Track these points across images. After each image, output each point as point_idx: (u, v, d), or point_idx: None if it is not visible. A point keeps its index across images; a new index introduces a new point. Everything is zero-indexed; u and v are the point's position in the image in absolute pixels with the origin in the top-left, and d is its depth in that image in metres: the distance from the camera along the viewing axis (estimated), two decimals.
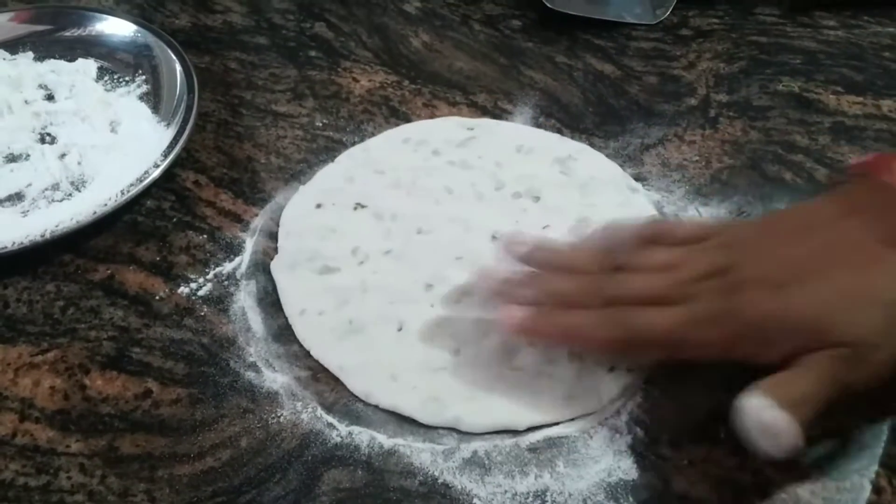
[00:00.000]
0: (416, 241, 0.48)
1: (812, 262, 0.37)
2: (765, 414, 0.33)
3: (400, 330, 0.44)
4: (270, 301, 0.45)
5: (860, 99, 0.57)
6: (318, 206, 0.50)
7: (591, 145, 0.54)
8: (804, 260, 0.37)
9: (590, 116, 0.57)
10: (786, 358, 0.35)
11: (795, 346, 0.35)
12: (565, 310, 0.40)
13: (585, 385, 0.41)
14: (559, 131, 0.56)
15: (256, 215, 0.50)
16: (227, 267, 0.47)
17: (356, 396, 0.41)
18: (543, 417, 0.40)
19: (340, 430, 0.40)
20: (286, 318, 0.45)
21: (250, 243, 0.48)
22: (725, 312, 0.36)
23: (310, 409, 0.40)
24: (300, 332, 0.44)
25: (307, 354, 0.43)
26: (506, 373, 0.41)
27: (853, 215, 0.38)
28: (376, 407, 0.41)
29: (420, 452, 0.39)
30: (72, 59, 0.59)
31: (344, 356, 0.43)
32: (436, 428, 0.40)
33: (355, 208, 0.50)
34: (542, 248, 0.42)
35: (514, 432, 0.40)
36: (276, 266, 0.47)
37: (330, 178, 0.52)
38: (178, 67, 0.57)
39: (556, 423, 0.40)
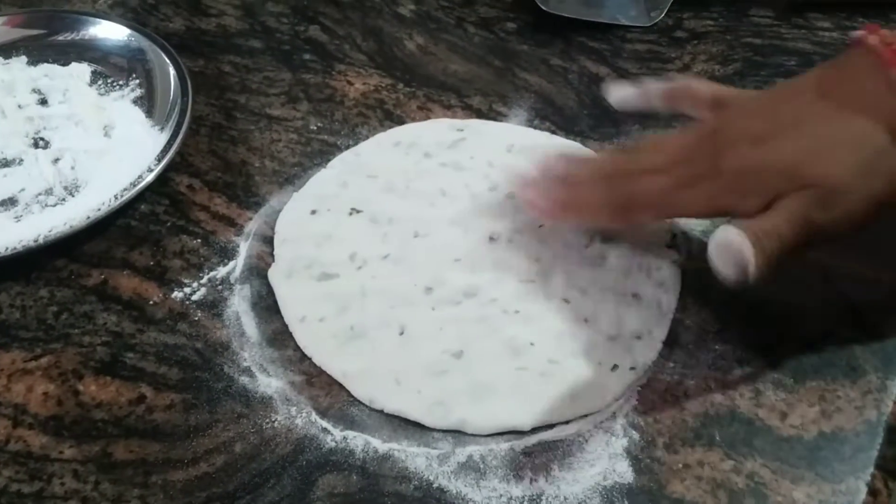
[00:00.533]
0: (414, 245, 0.48)
1: (793, 117, 0.39)
2: (726, 235, 0.36)
3: (402, 334, 0.43)
4: (265, 305, 0.45)
5: None
6: (313, 212, 0.50)
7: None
8: (785, 116, 0.39)
9: (584, 119, 0.57)
10: (766, 207, 0.38)
11: (774, 193, 0.37)
12: (574, 186, 0.44)
13: (589, 384, 0.41)
14: (553, 133, 0.55)
15: (251, 219, 0.50)
16: (222, 271, 0.47)
17: (351, 401, 0.41)
18: (548, 417, 0.40)
19: (335, 435, 0.39)
20: (280, 323, 0.44)
21: (244, 247, 0.48)
22: (710, 169, 0.39)
23: (304, 414, 0.40)
24: (301, 339, 0.44)
25: (301, 359, 0.43)
26: (510, 373, 0.42)
27: (835, 83, 0.39)
28: (371, 411, 0.41)
29: (415, 457, 0.39)
30: (65, 64, 0.59)
31: (346, 362, 0.42)
32: (431, 432, 0.40)
33: (350, 213, 0.50)
34: (574, 162, 0.47)
35: (511, 435, 0.40)
36: (273, 274, 0.47)
37: (323, 183, 0.52)
38: (172, 71, 0.57)
39: (555, 426, 0.40)
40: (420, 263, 0.47)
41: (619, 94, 0.49)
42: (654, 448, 0.39)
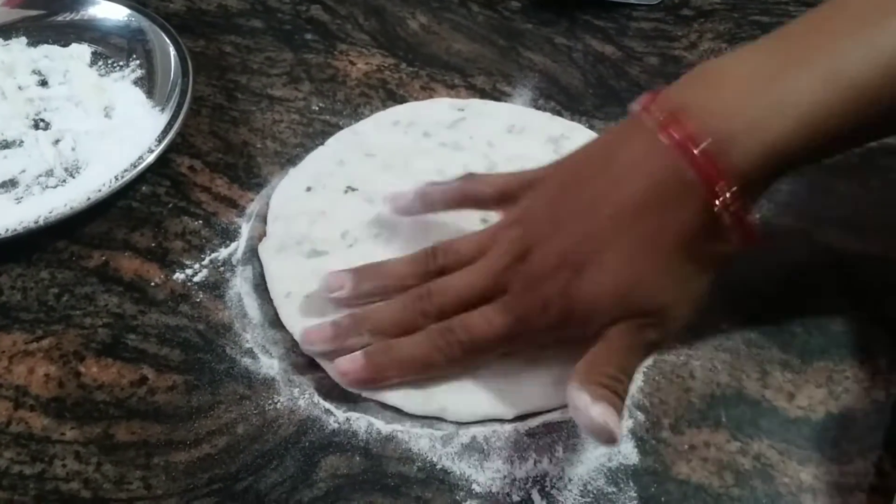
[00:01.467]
0: (407, 225, 0.47)
1: (599, 236, 0.38)
2: (589, 412, 0.34)
3: None
4: (267, 287, 0.45)
5: None
6: (308, 189, 0.50)
7: (591, 127, 0.53)
8: (593, 234, 0.38)
9: (590, 98, 0.56)
10: (602, 330, 0.37)
11: (608, 321, 0.37)
12: (396, 343, 0.40)
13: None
14: (559, 113, 0.55)
15: (252, 200, 0.49)
16: (223, 252, 0.47)
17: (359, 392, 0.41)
18: (532, 405, 0.39)
19: (338, 416, 0.39)
20: None
21: (246, 229, 0.48)
22: (537, 305, 0.38)
23: (307, 396, 0.40)
24: (285, 316, 0.43)
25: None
26: (493, 360, 0.41)
27: (625, 177, 0.38)
28: None
29: (418, 438, 0.38)
30: (65, 45, 0.59)
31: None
32: None
33: (346, 191, 0.49)
34: (361, 277, 0.42)
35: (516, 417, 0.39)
36: (263, 249, 0.46)
37: (320, 161, 0.52)
38: (173, 51, 0.57)
39: (545, 411, 0.39)
40: (411, 244, 0.46)
41: (399, 203, 0.45)
42: (660, 429, 0.38)
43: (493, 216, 0.46)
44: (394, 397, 0.40)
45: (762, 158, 0.35)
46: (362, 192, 0.49)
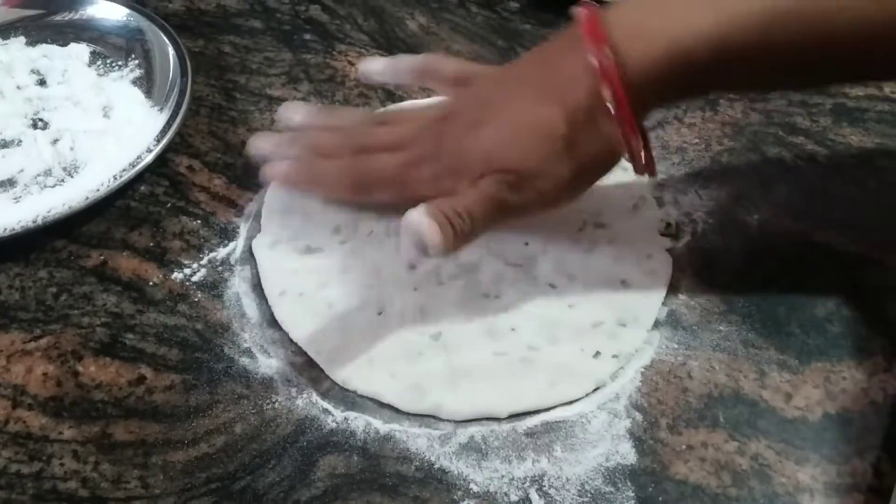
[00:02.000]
0: (400, 223, 0.47)
1: (499, 104, 0.41)
2: (412, 217, 0.37)
3: (380, 314, 0.43)
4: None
5: None
6: None
7: None
8: (496, 100, 0.42)
9: None
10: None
11: (477, 175, 0.40)
12: (324, 161, 0.46)
13: (569, 371, 0.40)
14: None
15: (251, 200, 0.49)
16: (222, 252, 0.47)
17: (354, 389, 0.41)
18: (526, 404, 0.39)
19: (336, 416, 0.39)
20: None
21: (244, 228, 0.48)
22: (434, 151, 0.42)
23: (305, 395, 0.40)
24: (279, 314, 0.43)
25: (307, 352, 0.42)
26: (488, 358, 0.41)
27: (541, 62, 0.42)
28: None
29: (416, 438, 0.38)
30: (64, 44, 0.59)
31: (322, 340, 0.42)
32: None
33: None
34: (316, 113, 0.49)
35: (511, 416, 0.39)
36: (257, 244, 0.46)
37: None
38: (172, 51, 0.57)
39: (542, 410, 0.39)
40: (405, 242, 0.46)
41: (369, 66, 0.49)
42: (658, 429, 0.38)
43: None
44: (389, 395, 0.40)
45: (660, 59, 0.37)
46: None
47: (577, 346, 0.41)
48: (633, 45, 0.37)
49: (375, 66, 0.49)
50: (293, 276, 0.45)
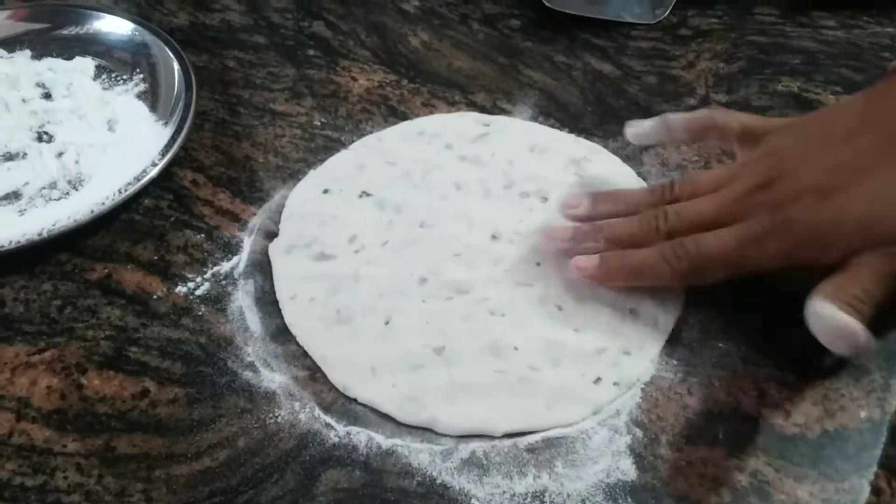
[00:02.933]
0: (416, 235, 0.48)
1: (856, 165, 0.38)
2: (832, 317, 0.35)
3: (387, 323, 0.43)
4: (268, 300, 0.45)
5: None
6: (326, 191, 0.50)
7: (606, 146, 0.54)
8: (848, 163, 0.38)
9: (589, 116, 0.57)
10: (843, 258, 0.37)
11: (850, 248, 0.37)
12: (629, 252, 0.42)
13: (568, 395, 0.40)
14: (558, 130, 0.55)
15: (254, 214, 0.50)
16: (225, 266, 0.47)
17: (354, 397, 0.41)
18: (521, 424, 0.39)
19: (338, 431, 0.39)
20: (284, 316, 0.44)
21: (248, 242, 0.48)
22: (778, 226, 0.38)
23: (308, 410, 0.40)
24: (288, 316, 0.44)
25: (305, 354, 0.43)
26: (488, 375, 0.41)
27: (890, 115, 0.39)
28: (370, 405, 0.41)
29: (418, 453, 0.39)
30: (69, 58, 0.59)
31: (328, 346, 0.42)
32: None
33: (360, 196, 0.50)
34: (599, 200, 0.45)
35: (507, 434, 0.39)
36: (273, 248, 0.47)
37: (341, 164, 0.53)
38: (176, 66, 0.57)
39: (533, 432, 0.39)
40: (418, 254, 0.46)
41: (637, 129, 0.48)
42: (658, 445, 0.39)
43: (504, 233, 0.47)
44: (387, 405, 0.40)
45: None
46: (376, 198, 0.50)
47: (579, 370, 0.41)
48: None
49: (643, 129, 0.47)
50: (305, 281, 0.45)
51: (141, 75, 0.58)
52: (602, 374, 0.41)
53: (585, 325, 0.43)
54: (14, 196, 0.50)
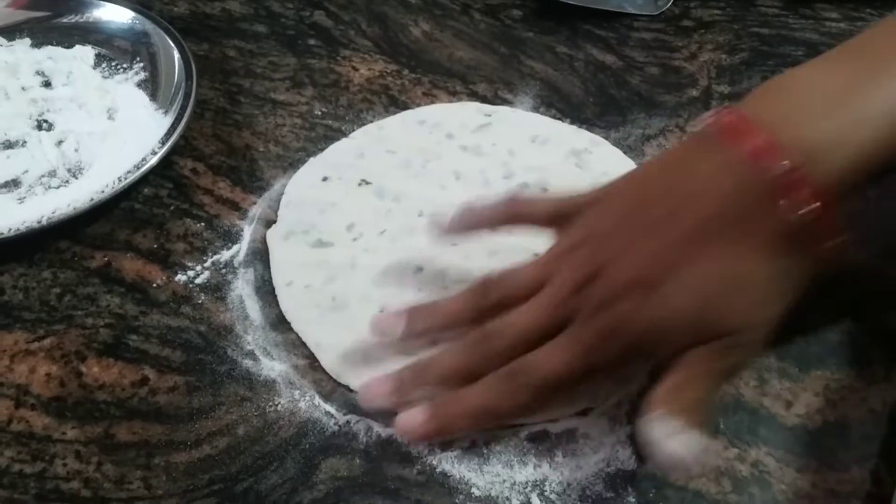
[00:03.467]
0: (414, 224, 0.47)
1: (676, 254, 0.35)
2: (671, 448, 0.33)
3: (381, 311, 0.43)
4: (268, 289, 0.45)
5: None
6: (325, 178, 0.50)
7: (607, 138, 0.54)
8: (667, 252, 0.35)
9: (590, 107, 0.57)
10: (676, 353, 0.35)
11: (684, 343, 0.35)
12: (461, 393, 0.37)
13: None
14: (560, 121, 0.55)
15: (255, 203, 0.50)
16: (225, 255, 0.47)
17: (346, 384, 0.41)
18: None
19: (338, 419, 0.39)
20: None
21: (248, 231, 0.48)
22: (612, 330, 0.35)
23: (307, 398, 0.40)
24: (284, 302, 0.44)
25: (305, 343, 0.43)
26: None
27: (698, 188, 0.36)
28: None
29: (418, 441, 0.38)
30: (69, 46, 0.59)
31: (322, 332, 0.42)
32: None
33: (360, 185, 0.50)
34: (414, 319, 0.40)
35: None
36: (271, 234, 0.47)
37: (341, 152, 0.52)
38: (177, 55, 0.57)
39: (522, 425, 0.39)
40: (415, 243, 0.46)
41: (438, 225, 0.43)
42: None
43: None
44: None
45: (844, 172, 0.34)
46: (375, 187, 0.50)
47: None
48: (812, 162, 0.33)
49: (445, 224, 0.43)
50: (302, 267, 0.45)
51: (141, 64, 0.58)
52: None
53: None
54: (13, 184, 0.50)
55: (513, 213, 0.42)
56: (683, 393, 0.34)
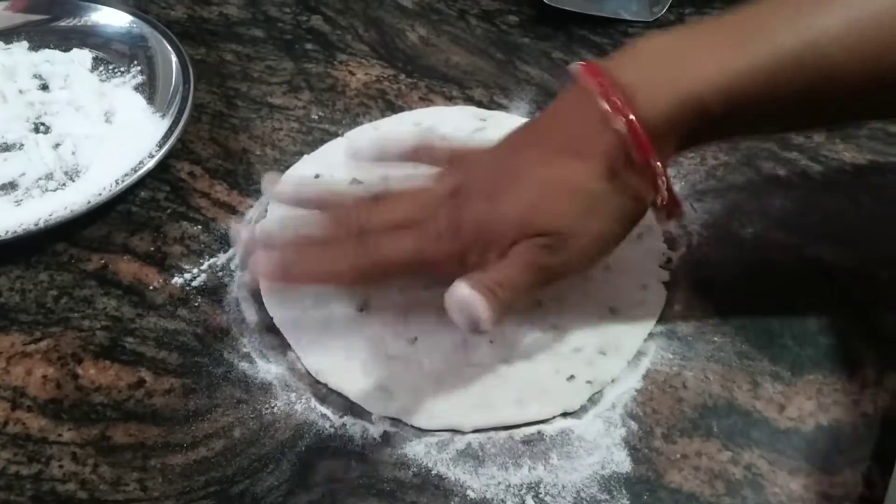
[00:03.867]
0: None
1: (520, 169, 0.40)
2: (460, 291, 0.36)
3: (361, 311, 0.43)
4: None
5: None
6: (317, 176, 0.51)
7: None
8: (514, 168, 0.40)
9: None
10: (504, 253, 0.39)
11: (509, 243, 0.38)
12: (318, 248, 0.42)
13: (540, 391, 0.40)
14: None
15: (251, 207, 0.50)
16: (222, 258, 0.47)
17: (325, 382, 0.41)
18: (491, 420, 0.39)
19: (334, 421, 0.39)
20: None
21: (245, 234, 0.48)
22: (452, 227, 0.40)
23: (304, 400, 0.40)
24: (267, 299, 0.44)
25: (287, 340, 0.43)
26: (460, 368, 0.41)
27: (553, 125, 0.41)
28: None
29: (414, 444, 0.39)
30: (67, 49, 0.59)
31: (303, 330, 0.43)
32: None
33: (350, 183, 0.50)
34: (304, 187, 0.46)
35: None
36: (259, 229, 0.47)
37: (335, 151, 0.53)
38: (174, 59, 0.57)
39: (512, 426, 0.39)
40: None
41: (356, 146, 0.48)
42: (653, 438, 0.39)
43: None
44: (357, 394, 0.40)
45: (673, 106, 0.37)
46: (366, 186, 0.50)
47: (553, 367, 0.41)
48: (643, 93, 0.37)
49: (361, 148, 0.47)
50: None
51: (138, 67, 0.58)
52: (576, 371, 0.41)
53: (563, 322, 0.43)
54: (10, 186, 0.50)
55: (420, 149, 0.46)
56: (489, 274, 0.37)
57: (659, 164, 0.37)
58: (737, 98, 0.37)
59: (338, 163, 0.51)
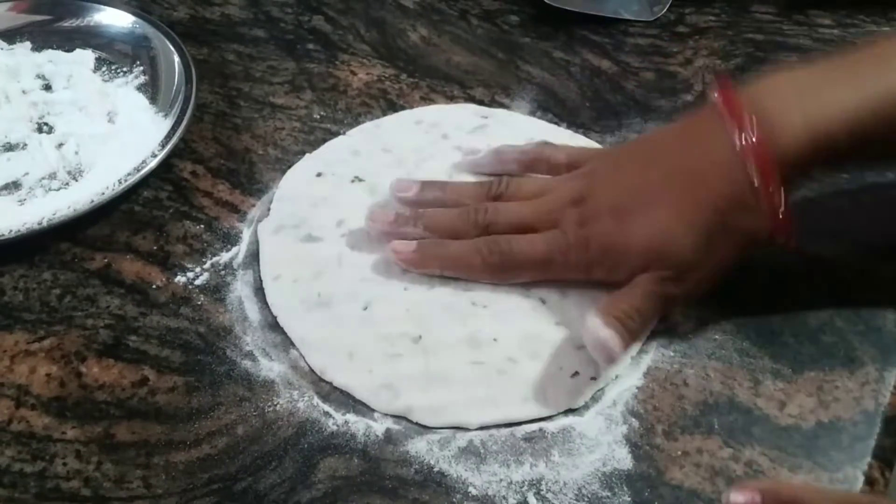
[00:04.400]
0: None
1: (649, 193, 0.42)
2: (595, 331, 0.39)
3: (366, 309, 0.44)
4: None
5: None
6: (319, 174, 0.51)
7: (602, 142, 0.54)
8: (643, 191, 0.42)
9: (586, 111, 0.57)
10: (629, 279, 0.42)
11: (635, 269, 0.42)
12: (446, 241, 0.45)
13: (544, 388, 0.40)
14: (556, 125, 0.56)
15: (254, 206, 0.50)
16: (224, 257, 0.47)
17: (330, 381, 0.41)
18: (496, 417, 0.39)
19: (336, 419, 0.40)
20: None
21: (247, 233, 0.48)
22: (580, 241, 0.42)
23: (306, 398, 0.40)
24: (270, 297, 0.44)
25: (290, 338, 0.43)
26: (465, 366, 0.41)
27: (682, 148, 0.43)
28: None
29: (416, 441, 0.39)
30: (70, 50, 0.59)
31: (307, 328, 0.43)
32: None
33: (353, 181, 0.50)
34: (427, 187, 0.48)
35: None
36: (262, 228, 0.48)
37: (337, 149, 0.53)
38: (177, 59, 0.57)
39: (516, 423, 0.39)
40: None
41: (472, 157, 0.50)
42: (654, 435, 0.39)
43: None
44: (362, 391, 0.40)
45: (804, 145, 0.38)
46: (368, 184, 0.50)
47: (557, 364, 0.41)
48: (777, 131, 0.38)
49: (478, 159, 0.50)
50: (290, 261, 0.46)
51: (141, 68, 0.58)
52: (580, 368, 0.41)
53: (568, 319, 0.43)
54: (14, 186, 0.50)
55: (538, 158, 0.49)
56: (618, 304, 0.40)
57: (783, 201, 0.39)
58: (867, 135, 0.38)
59: (339, 160, 0.52)
